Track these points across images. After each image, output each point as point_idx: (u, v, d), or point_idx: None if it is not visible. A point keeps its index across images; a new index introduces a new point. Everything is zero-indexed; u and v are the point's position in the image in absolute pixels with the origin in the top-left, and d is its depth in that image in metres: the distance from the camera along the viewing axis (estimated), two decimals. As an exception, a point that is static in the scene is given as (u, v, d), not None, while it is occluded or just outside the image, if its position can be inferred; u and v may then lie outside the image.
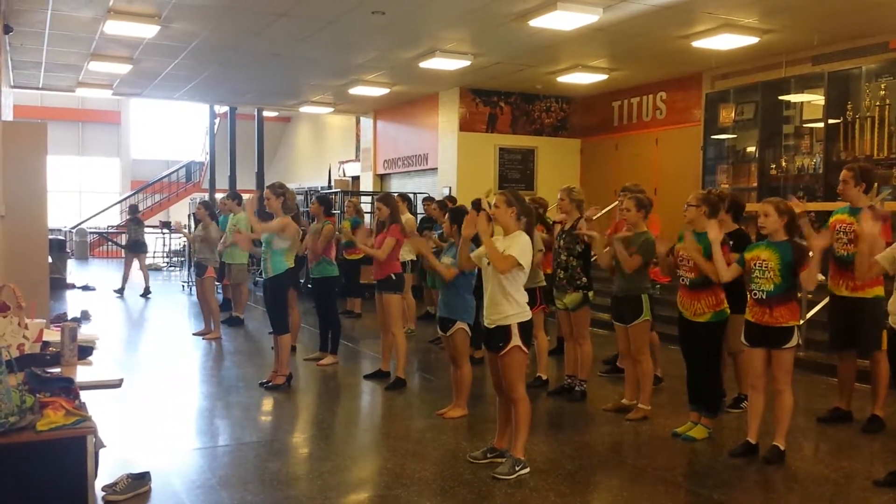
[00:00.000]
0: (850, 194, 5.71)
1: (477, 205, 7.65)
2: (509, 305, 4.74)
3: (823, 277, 6.19)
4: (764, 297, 4.96)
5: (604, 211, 7.84)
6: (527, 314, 4.80)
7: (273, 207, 6.95)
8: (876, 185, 6.23)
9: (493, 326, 4.80)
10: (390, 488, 4.60)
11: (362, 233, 8.14)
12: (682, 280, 5.49)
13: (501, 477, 4.66)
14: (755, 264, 5.02)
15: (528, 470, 4.75)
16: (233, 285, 10.70)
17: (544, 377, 7.14)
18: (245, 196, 11.26)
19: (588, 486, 4.76)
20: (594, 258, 6.68)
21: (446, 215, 6.18)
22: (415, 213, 12.80)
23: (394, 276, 7.15)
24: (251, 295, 12.53)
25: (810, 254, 4.98)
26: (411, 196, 12.92)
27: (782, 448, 5.03)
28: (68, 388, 3.39)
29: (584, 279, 6.52)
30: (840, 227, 5.73)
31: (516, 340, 4.72)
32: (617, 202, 7.48)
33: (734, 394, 6.33)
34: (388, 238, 7.11)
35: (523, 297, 4.80)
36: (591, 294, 6.60)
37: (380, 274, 7.17)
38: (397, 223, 7.23)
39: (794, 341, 4.96)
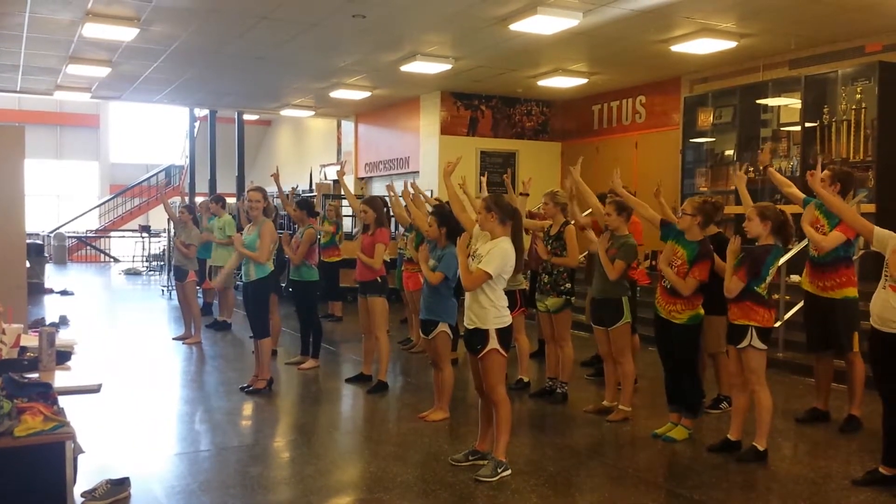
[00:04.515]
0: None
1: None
2: (489, 309, 4.75)
3: (798, 278, 6.27)
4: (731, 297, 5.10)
5: (585, 213, 7.88)
6: (506, 319, 4.81)
7: (258, 210, 6.93)
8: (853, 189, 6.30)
9: (472, 328, 4.82)
10: (372, 491, 4.60)
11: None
12: (664, 283, 5.53)
13: (483, 479, 4.67)
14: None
15: (509, 472, 4.77)
16: (219, 289, 10.65)
17: (526, 379, 7.16)
18: (230, 200, 11.23)
19: (569, 488, 4.78)
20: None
21: (429, 218, 6.18)
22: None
23: (379, 280, 7.14)
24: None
25: (782, 260, 5.03)
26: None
27: (760, 448, 5.07)
28: (46, 394, 3.36)
29: (568, 285, 6.54)
30: (819, 226, 5.77)
31: (494, 343, 4.74)
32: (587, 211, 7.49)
33: (714, 395, 6.38)
34: (378, 244, 7.08)
35: (503, 302, 4.82)
36: (573, 299, 6.63)
37: (364, 276, 7.15)
38: (384, 227, 7.21)
39: (746, 341, 5.01)
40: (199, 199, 15.94)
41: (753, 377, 5.05)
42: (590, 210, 6.82)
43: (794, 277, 8.33)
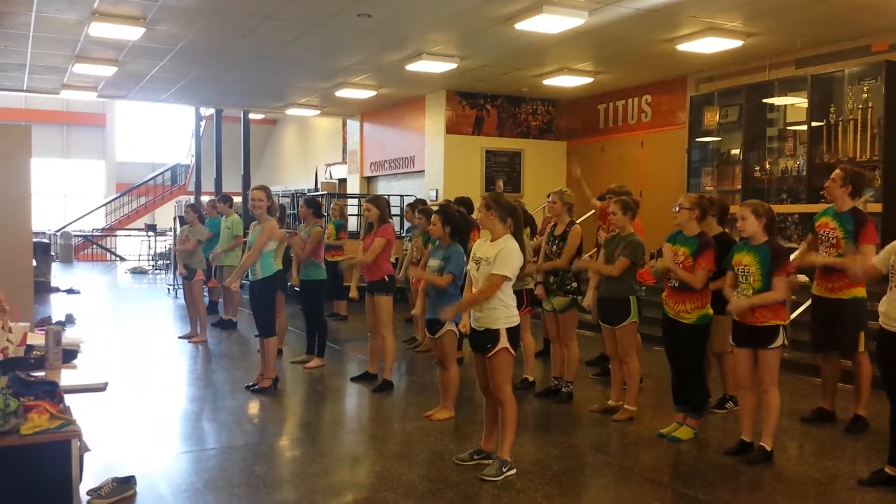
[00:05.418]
0: (835, 193, 5.75)
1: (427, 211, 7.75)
2: (498, 309, 4.75)
3: (808, 279, 6.24)
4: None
5: (584, 217, 7.95)
6: (515, 318, 4.82)
7: (262, 209, 6.94)
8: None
9: (481, 329, 4.81)
10: (377, 490, 4.60)
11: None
12: (670, 282, 5.52)
13: (488, 478, 4.67)
14: (738, 270, 5.07)
15: (514, 471, 4.77)
16: (225, 288, 10.66)
17: (531, 379, 7.16)
18: (237, 199, 11.22)
19: (575, 487, 4.78)
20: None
21: (433, 216, 6.18)
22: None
23: (386, 278, 7.15)
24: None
25: (791, 256, 5.02)
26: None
27: (768, 449, 5.06)
28: (53, 392, 3.37)
29: (574, 284, 6.54)
30: (823, 232, 5.77)
31: (504, 343, 4.74)
32: (593, 210, 7.55)
33: (719, 394, 6.37)
34: (377, 239, 7.09)
35: (512, 301, 4.82)
36: (579, 298, 6.62)
37: (372, 275, 7.16)
38: (387, 223, 7.22)
39: (779, 341, 4.99)
40: (204, 198, 15.95)
41: (770, 376, 5.03)
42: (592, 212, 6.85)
43: (801, 277, 8.32)
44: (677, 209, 5.52)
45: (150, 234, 21.41)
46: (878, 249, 5.64)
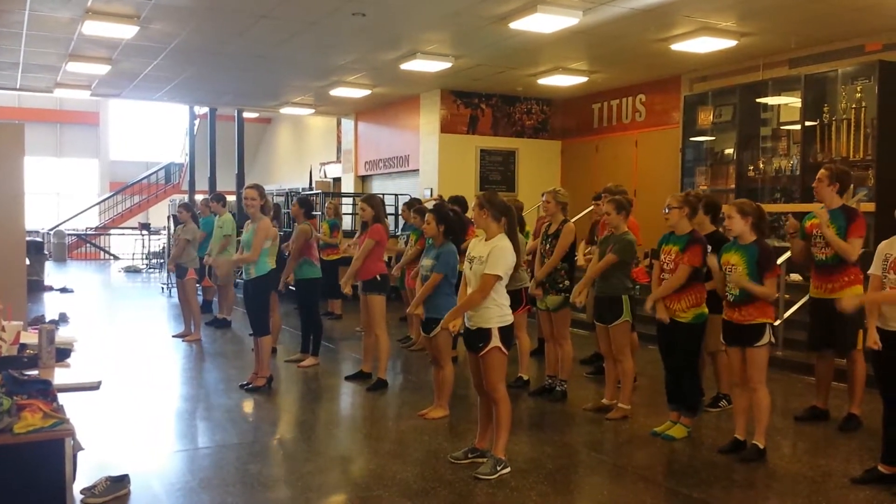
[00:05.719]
0: (823, 193, 5.77)
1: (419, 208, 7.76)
2: (491, 308, 4.76)
3: (801, 277, 6.26)
4: (732, 299, 5.06)
5: (580, 215, 7.95)
6: (508, 317, 4.82)
7: (255, 207, 6.93)
8: (852, 186, 6.29)
9: (474, 328, 4.82)
10: (371, 489, 4.60)
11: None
12: (665, 280, 5.53)
13: (483, 477, 4.67)
14: (725, 269, 5.09)
15: (509, 470, 4.77)
16: (219, 287, 10.64)
17: (525, 377, 7.17)
18: (230, 198, 11.19)
19: (569, 486, 4.79)
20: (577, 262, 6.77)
21: (427, 216, 6.18)
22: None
23: (378, 277, 7.15)
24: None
25: (779, 260, 5.04)
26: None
27: (761, 447, 5.08)
28: (46, 391, 3.37)
29: (567, 282, 6.55)
30: (817, 232, 5.78)
31: (496, 341, 4.74)
32: (592, 206, 7.59)
33: (713, 393, 6.39)
34: (367, 240, 7.11)
35: (505, 300, 4.83)
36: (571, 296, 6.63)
37: (364, 274, 7.16)
38: (379, 223, 7.22)
39: (765, 339, 5.01)
40: (199, 197, 15.94)
41: (758, 374, 5.04)
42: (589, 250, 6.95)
43: (794, 276, 8.36)
44: (667, 210, 5.55)
45: (144, 232, 21.36)
46: (864, 244, 5.70)
